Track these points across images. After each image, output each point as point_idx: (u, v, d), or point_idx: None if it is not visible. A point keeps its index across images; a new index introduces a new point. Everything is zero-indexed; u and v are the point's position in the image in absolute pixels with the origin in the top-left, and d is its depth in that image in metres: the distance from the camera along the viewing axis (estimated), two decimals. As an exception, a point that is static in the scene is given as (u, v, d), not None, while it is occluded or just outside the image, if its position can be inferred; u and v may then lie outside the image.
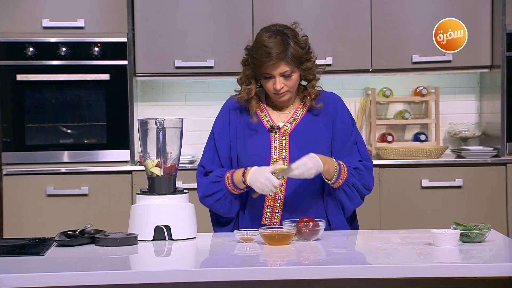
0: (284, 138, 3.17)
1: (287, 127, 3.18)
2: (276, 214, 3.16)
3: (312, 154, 3.06)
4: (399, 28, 5.09)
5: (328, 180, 3.13)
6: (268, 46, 3.06)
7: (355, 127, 3.27)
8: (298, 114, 3.21)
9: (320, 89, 3.24)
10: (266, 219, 3.16)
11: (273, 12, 5.03)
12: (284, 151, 3.16)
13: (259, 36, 3.12)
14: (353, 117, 5.33)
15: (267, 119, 3.21)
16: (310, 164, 3.03)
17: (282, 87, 3.11)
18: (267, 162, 3.14)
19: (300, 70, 3.13)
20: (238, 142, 3.20)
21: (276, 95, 3.15)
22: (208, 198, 3.17)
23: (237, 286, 2.52)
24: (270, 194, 3.10)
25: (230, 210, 3.18)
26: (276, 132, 3.17)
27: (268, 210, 3.16)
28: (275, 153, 3.16)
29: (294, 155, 3.13)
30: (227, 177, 3.13)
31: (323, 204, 3.20)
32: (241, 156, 3.18)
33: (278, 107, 3.23)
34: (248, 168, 3.08)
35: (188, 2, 5.06)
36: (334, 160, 3.13)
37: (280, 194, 3.15)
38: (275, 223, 3.14)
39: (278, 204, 3.16)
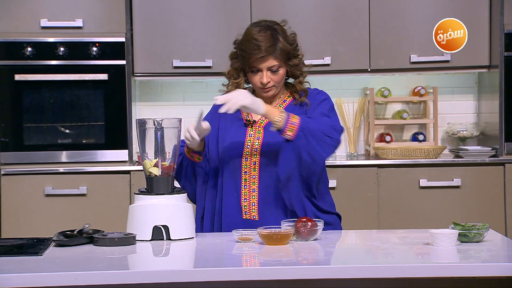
0: (259, 130, 3.19)
1: (262, 120, 3.20)
2: (253, 207, 3.15)
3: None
4: (398, 28, 5.09)
5: (276, 126, 3.01)
6: (258, 39, 3.11)
7: (328, 106, 3.17)
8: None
9: (308, 86, 3.26)
10: (246, 213, 3.16)
11: (271, 12, 5.02)
12: (256, 142, 3.17)
13: (248, 30, 3.17)
14: (352, 117, 5.39)
15: (246, 114, 3.23)
16: (234, 93, 3.03)
17: (269, 82, 3.14)
18: (239, 153, 3.16)
19: (287, 66, 3.17)
20: (219, 135, 3.23)
21: (262, 90, 3.18)
22: (177, 167, 3.18)
23: (235, 286, 2.52)
24: (188, 140, 3.09)
25: (186, 177, 3.19)
26: (252, 126, 3.20)
27: (245, 204, 3.16)
28: (248, 146, 3.17)
29: (266, 145, 3.15)
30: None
31: (298, 193, 3.15)
32: (220, 148, 3.21)
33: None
34: None
35: (186, 2, 5.06)
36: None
37: (254, 186, 3.15)
38: (254, 217, 3.14)
39: (254, 197, 3.16)
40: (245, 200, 3.17)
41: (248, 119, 3.22)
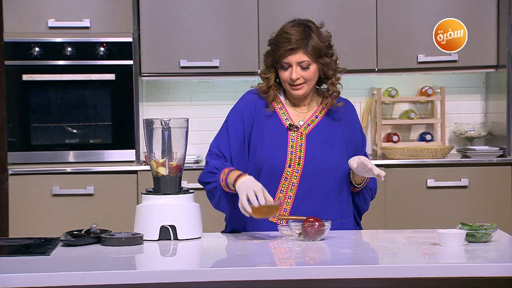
0: (301, 138, 3.17)
1: (305, 128, 3.18)
2: (284, 213, 3.13)
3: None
4: (405, 27, 5.09)
5: (358, 184, 3.20)
6: (289, 32, 3.11)
7: (364, 138, 3.33)
8: (317, 116, 3.21)
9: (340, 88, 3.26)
10: (274, 216, 3.13)
11: (278, 12, 5.02)
12: (300, 151, 3.15)
13: (283, 25, 3.18)
14: (359, 117, 5.38)
15: (285, 117, 3.19)
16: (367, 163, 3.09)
17: (299, 78, 3.11)
18: (282, 161, 3.13)
19: (318, 64, 3.13)
20: (253, 135, 3.16)
21: (292, 87, 3.14)
22: (204, 185, 3.17)
23: (242, 286, 2.52)
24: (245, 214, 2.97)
25: (218, 204, 3.14)
26: (294, 131, 3.17)
27: (281, 195, 3.13)
28: (292, 152, 3.14)
29: (309, 156, 3.14)
30: (224, 173, 3.08)
31: (336, 202, 3.18)
32: (256, 149, 3.15)
33: (296, 105, 3.22)
34: (244, 174, 3.02)
35: (193, 2, 5.06)
36: None
37: (291, 193, 3.13)
38: (281, 222, 3.11)
39: (287, 203, 3.14)
40: (281, 192, 3.14)
41: (290, 123, 3.18)
